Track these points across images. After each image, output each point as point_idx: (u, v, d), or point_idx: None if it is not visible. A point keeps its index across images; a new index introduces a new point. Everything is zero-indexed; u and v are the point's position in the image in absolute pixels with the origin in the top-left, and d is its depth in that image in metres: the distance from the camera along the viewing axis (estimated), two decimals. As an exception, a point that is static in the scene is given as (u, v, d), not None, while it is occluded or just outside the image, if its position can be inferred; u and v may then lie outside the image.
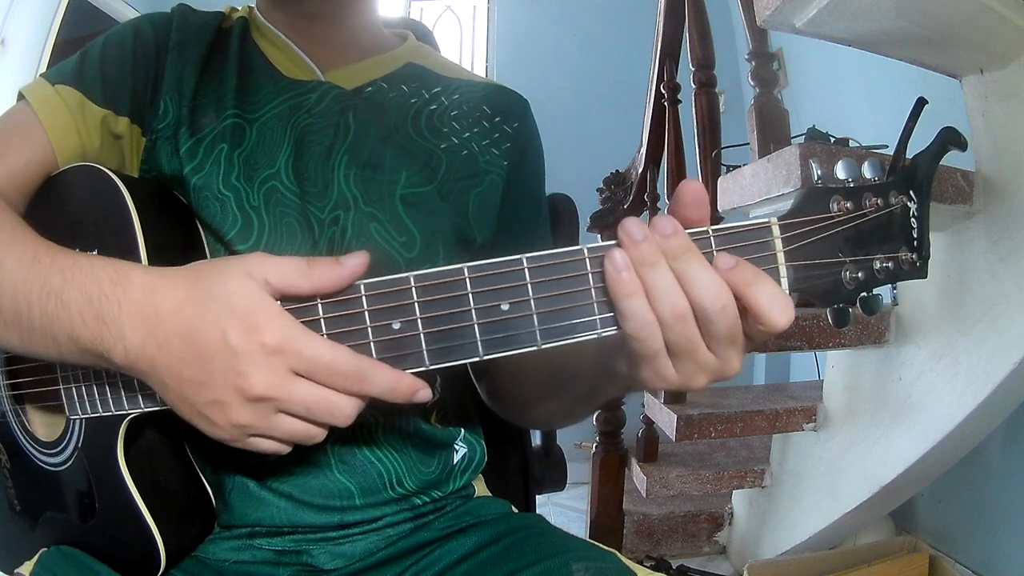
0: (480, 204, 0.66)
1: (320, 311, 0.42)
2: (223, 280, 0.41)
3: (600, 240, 1.97)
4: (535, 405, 0.66)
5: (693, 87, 1.64)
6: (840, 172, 0.41)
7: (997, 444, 1.45)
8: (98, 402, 0.51)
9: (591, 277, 0.40)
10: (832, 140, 1.27)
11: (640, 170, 1.92)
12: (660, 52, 1.83)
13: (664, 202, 1.75)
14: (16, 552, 0.60)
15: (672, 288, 0.39)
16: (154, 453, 0.55)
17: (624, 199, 2.00)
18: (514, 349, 0.40)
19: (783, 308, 0.38)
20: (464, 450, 0.68)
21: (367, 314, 0.41)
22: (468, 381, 0.72)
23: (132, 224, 0.51)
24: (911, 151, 0.42)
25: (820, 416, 1.52)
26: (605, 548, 0.59)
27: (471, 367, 0.69)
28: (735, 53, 2.35)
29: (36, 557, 0.57)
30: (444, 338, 0.40)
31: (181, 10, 0.67)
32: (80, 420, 0.54)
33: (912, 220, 0.41)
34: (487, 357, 0.41)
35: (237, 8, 0.70)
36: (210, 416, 0.41)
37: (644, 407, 1.72)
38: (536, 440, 0.98)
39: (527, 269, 0.40)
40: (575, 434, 2.14)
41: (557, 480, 0.98)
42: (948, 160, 1.26)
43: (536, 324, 0.40)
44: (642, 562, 1.21)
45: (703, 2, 1.65)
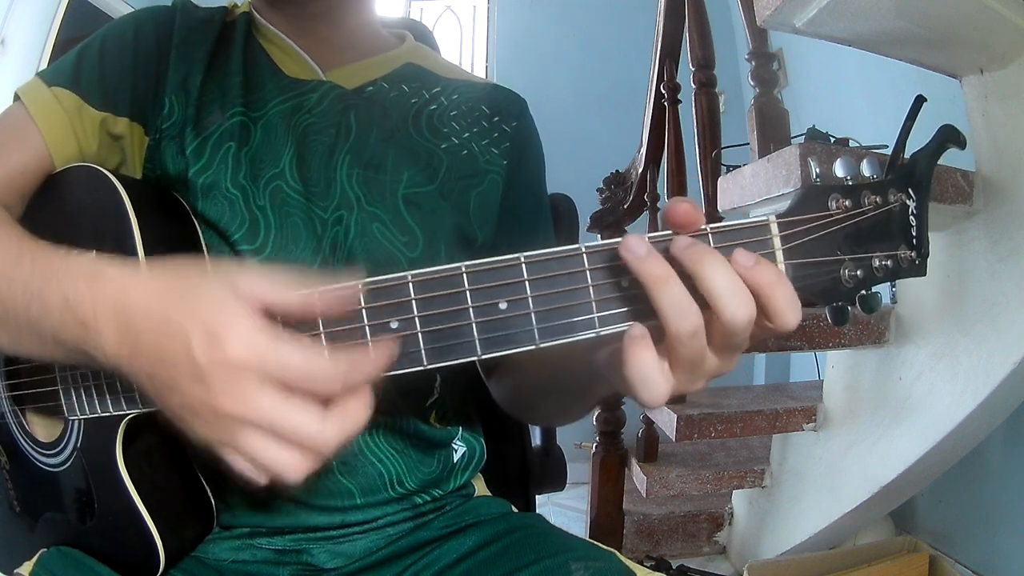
0: (481, 203, 0.66)
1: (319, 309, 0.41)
2: (196, 286, 0.38)
3: (600, 240, 1.97)
4: (537, 403, 0.66)
5: (693, 87, 1.64)
6: (839, 170, 0.41)
7: (997, 444, 1.45)
8: (96, 403, 0.51)
9: (589, 275, 0.39)
10: (832, 140, 1.27)
11: (640, 170, 1.92)
12: (660, 52, 1.83)
13: (664, 202, 1.75)
14: (16, 552, 0.60)
15: (687, 305, 0.36)
16: (153, 453, 0.55)
17: (624, 199, 2.00)
18: (512, 348, 0.40)
19: (797, 309, 0.38)
20: (463, 449, 0.68)
21: (364, 312, 0.40)
22: (468, 381, 0.72)
23: (130, 225, 0.51)
24: (910, 150, 0.42)
25: (820, 416, 1.52)
26: (605, 548, 0.59)
27: (480, 365, 0.69)
28: (735, 53, 2.35)
29: (36, 557, 0.57)
30: (442, 337, 0.40)
31: (183, 5, 0.66)
32: (79, 421, 0.54)
33: (911, 218, 0.41)
34: (485, 356, 0.40)
35: (238, 3, 0.70)
36: (185, 419, 0.39)
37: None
38: (536, 440, 0.98)
39: (525, 267, 0.39)
40: (575, 434, 2.14)
41: (557, 480, 0.98)
42: (948, 160, 1.26)
43: (534, 323, 0.40)
44: (642, 562, 1.20)
45: (703, 2, 1.65)
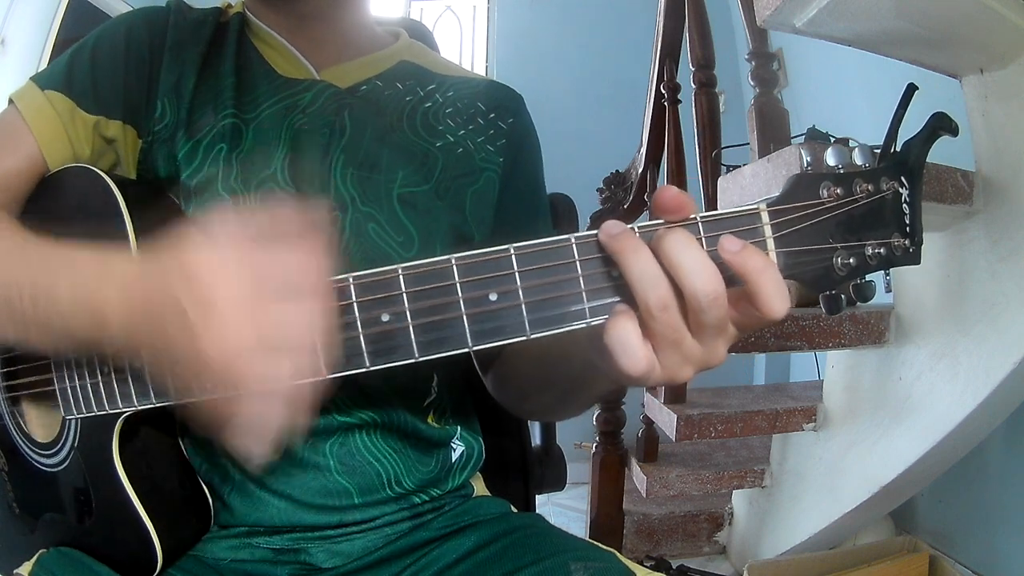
0: (477, 202, 0.66)
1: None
2: (180, 248, 0.39)
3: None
4: (532, 396, 0.66)
5: (693, 87, 1.64)
6: (830, 158, 0.41)
7: (997, 444, 1.45)
8: (92, 401, 0.51)
9: (579, 265, 0.39)
10: (832, 140, 1.27)
11: (640, 170, 1.92)
12: (660, 52, 1.83)
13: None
14: (15, 552, 0.60)
15: (655, 276, 0.37)
16: (149, 452, 0.55)
17: (624, 199, 2.00)
18: (503, 339, 0.40)
19: (785, 297, 0.37)
20: (462, 448, 0.68)
21: (356, 306, 0.41)
22: (466, 380, 0.72)
23: (124, 226, 0.51)
24: (903, 143, 0.42)
25: (820, 416, 1.52)
26: (604, 548, 0.59)
27: (475, 359, 0.69)
28: (735, 53, 2.35)
29: (35, 558, 0.57)
30: (433, 329, 0.40)
31: (176, 6, 0.66)
32: (75, 420, 0.54)
33: (904, 206, 0.41)
34: (476, 348, 0.40)
35: (232, 3, 0.69)
36: (191, 387, 0.40)
37: (644, 407, 1.72)
38: (536, 440, 0.98)
39: (515, 258, 0.39)
40: (575, 434, 2.13)
41: (557, 480, 0.98)
42: (948, 159, 1.25)
43: (525, 314, 0.39)
44: (642, 562, 1.20)
45: (703, 2, 1.65)
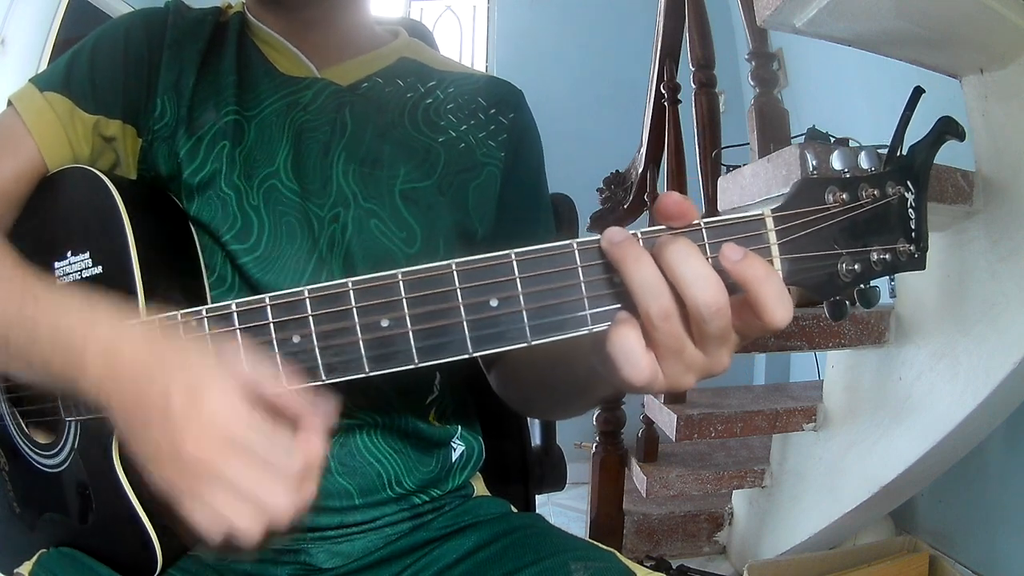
0: (479, 197, 0.66)
1: (309, 307, 0.42)
2: (186, 349, 0.40)
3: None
4: (534, 398, 0.66)
5: (693, 87, 1.64)
6: (836, 163, 0.40)
7: (997, 444, 1.45)
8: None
9: (580, 272, 0.39)
10: (832, 140, 1.27)
11: (640, 170, 1.92)
12: (660, 52, 1.83)
13: (664, 202, 1.74)
14: (15, 552, 0.60)
15: (657, 285, 0.37)
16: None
17: (624, 199, 2.00)
18: (503, 346, 0.40)
19: (788, 306, 0.37)
20: (462, 448, 0.68)
21: (355, 311, 0.40)
22: (467, 379, 0.72)
23: (123, 226, 0.52)
24: (909, 147, 0.42)
25: (820, 416, 1.52)
26: (604, 548, 0.59)
27: (481, 358, 0.69)
28: (735, 53, 2.35)
29: (35, 558, 0.57)
30: (433, 335, 0.40)
31: (175, 6, 0.66)
32: (75, 422, 0.54)
33: (910, 211, 0.40)
34: (476, 354, 0.40)
35: (232, 4, 0.69)
36: (151, 462, 0.40)
37: (644, 407, 1.72)
38: (536, 440, 0.98)
39: (516, 264, 0.39)
40: (575, 434, 2.13)
41: (557, 480, 0.98)
42: (948, 160, 1.25)
43: (525, 320, 0.39)
44: (642, 562, 1.20)
45: (703, 2, 1.65)
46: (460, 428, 0.69)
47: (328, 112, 0.63)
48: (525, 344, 0.40)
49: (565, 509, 2.32)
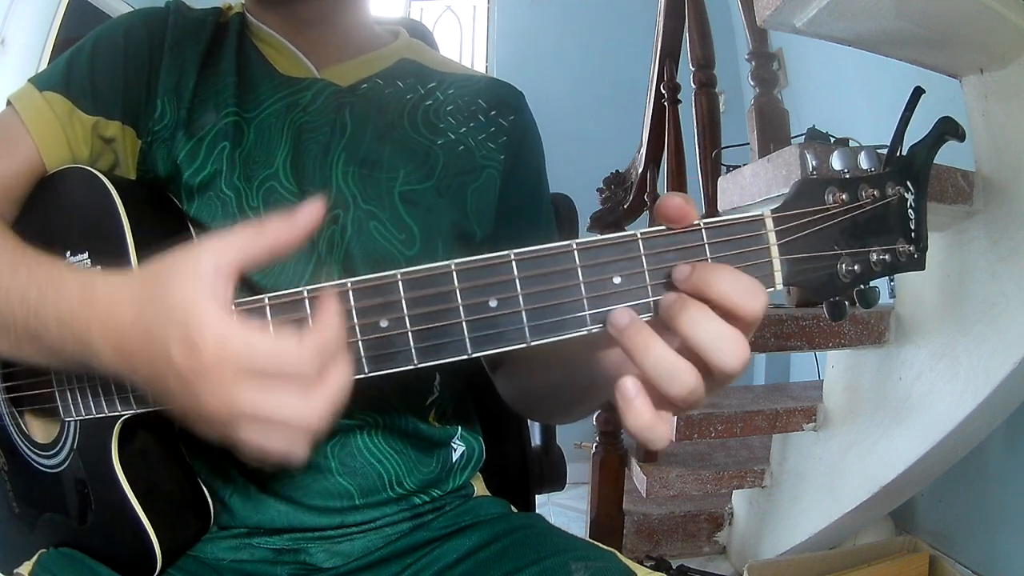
0: (478, 199, 0.66)
1: (308, 308, 0.41)
2: (165, 287, 0.39)
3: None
4: (541, 402, 0.66)
5: (693, 87, 1.64)
6: (836, 163, 0.40)
7: (997, 444, 1.45)
8: (91, 404, 0.51)
9: (580, 272, 0.39)
10: (832, 140, 1.27)
11: (640, 170, 1.92)
12: (660, 52, 1.83)
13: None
14: (15, 552, 0.60)
15: (671, 366, 0.37)
16: (148, 453, 0.55)
17: (624, 199, 2.00)
18: (503, 346, 0.40)
19: (753, 294, 0.37)
20: (462, 448, 0.68)
21: (354, 312, 0.40)
22: (466, 379, 0.72)
23: (122, 226, 0.51)
24: (908, 147, 0.42)
25: (820, 416, 1.52)
26: (605, 548, 0.59)
27: (484, 360, 0.69)
28: (735, 53, 2.35)
29: (35, 558, 0.57)
30: (432, 336, 0.40)
31: (176, 6, 0.66)
32: (75, 422, 0.54)
33: (909, 211, 0.40)
34: (476, 355, 0.40)
35: (232, 4, 0.69)
36: (187, 420, 0.41)
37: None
38: (536, 440, 0.98)
39: (515, 265, 0.39)
40: (575, 434, 2.13)
41: (557, 480, 0.98)
42: (948, 160, 1.25)
43: (525, 321, 0.39)
44: (642, 562, 1.20)
45: (703, 2, 1.65)
46: (460, 428, 0.69)
47: (328, 113, 0.63)
48: (524, 345, 0.39)
49: (565, 509, 2.32)
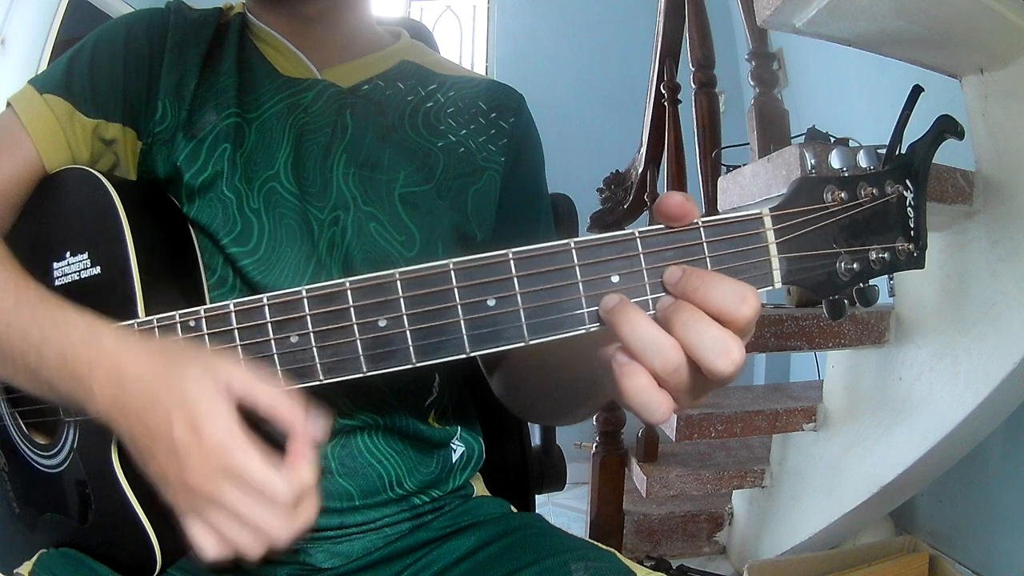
0: (479, 201, 0.66)
1: (307, 307, 0.41)
2: (184, 371, 0.42)
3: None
4: (537, 403, 0.66)
5: (693, 87, 1.64)
6: (835, 161, 0.40)
7: (997, 444, 1.45)
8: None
9: (578, 271, 0.39)
10: (832, 140, 1.27)
11: (640, 170, 1.92)
12: (660, 52, 1.83)
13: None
14: (15, 552, 0.60)
15: (654, 341, 0.37)
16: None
17: (624, 199, 2.00)
18: (501, 345, 0.40)
19: (743, 297, 0.36)
20: (462, 448, 0.68)
21: (352, 311, 0.40)
22: (466, 379, 0.72)
23: (121, 228, 0.51)
24: (908, 145, 0.41)
25: (820, 416, 1.52)
26: (604, 548, 0.59)
27: (480, 361, 0.69)
28: (735, 53, 2.35)
29: (35, 558, 0.57)
30: (430, 334, 0.40)
31: (177, 7, 0.65)
32: (75, 422, 0.54)
33: (909, 209, 0.40)
34: (474, 354, 0.40)
35: (233, 5, 0.69)
36: (159, 483, 0.43)
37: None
38: (536, 440, 0.98)
39: (513, 263, 0.39)
40: (575, 434, 2.13)
41: (557, 480, 0.98)
42: (948, 159, 1.25)
43: (523, 319, 0.39)
44: (642, 562, 1.20)
45: (703, 2, 1.65)
46: (460, 429, 0.68)
47: (329, 114, 0.63)
48: (522, 343, 0.39)
49: (565, 509, 2.32)
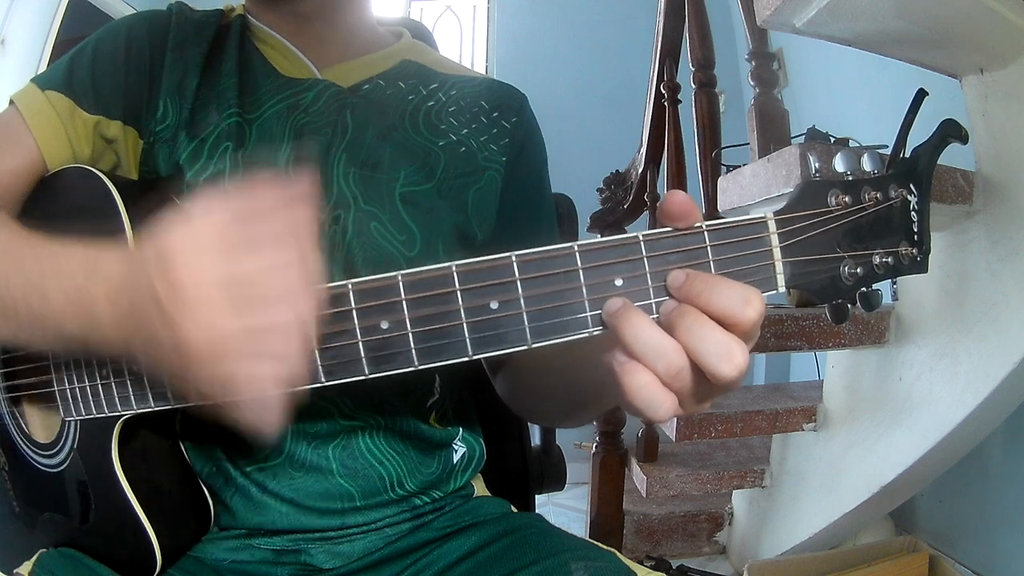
0: (479, 201, 0.65)
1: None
2: (156, 237, 0.38)
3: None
4: (540, 405, 0.66)
5: (693, 87, 1.64)
6: (839, 165, 0.40)
7: (997, 444, 1.45)
8: (92, 404, 0.51)
9: (582, 274, 0.39)
10: (832, 140, 1.27)
11: (640, 170, 1.92)
12: (660, 52, 1.83)
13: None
14: (15, 552, 0.60)
15: (657, 344, 0.37)
16: (149, 453, 0.55)
17: (624, 199, 2.00)
18: (504, 348, 0.39)
19: (748, 301, 0.36)
20: (463, 449, 0.68)
21: (355, 313, 0.40)
22: (466, 380, 0.72)
23: (123, 227, 0.51)
24: (911, 148, 0.42)
25: (820, 416, 1.52)
26: (605, 548, 0.59)
27: (485, 363, 0.69)
28: (735, 53, 2.35)
29: (35, 558, 0.57)
30: (433, 337, 0.40)
31: (179, 8, 0.66)
32: (75, 421, 0.54)
33: (912, 214, 0.40)
34: (476, 356, 0.40)
35: (234, 6, 0.70)
36: (186, 382, 0.39)
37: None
38: (536, 440, 0.98)
39: (516, 266, 0.39)
40: (575, 434, 2.13)
41: (557, 480, 0.98)
42: (948, 160, 1.25)
43: (526, 322, 0.39)
44: (642, 562, 1.20)
45: (703, 2, 1.65)
46: (461, 430, 0.69)
47: (329, 114, 0.63)
48: (525, 347, 0.39)
49: (565, 509, 2.32)
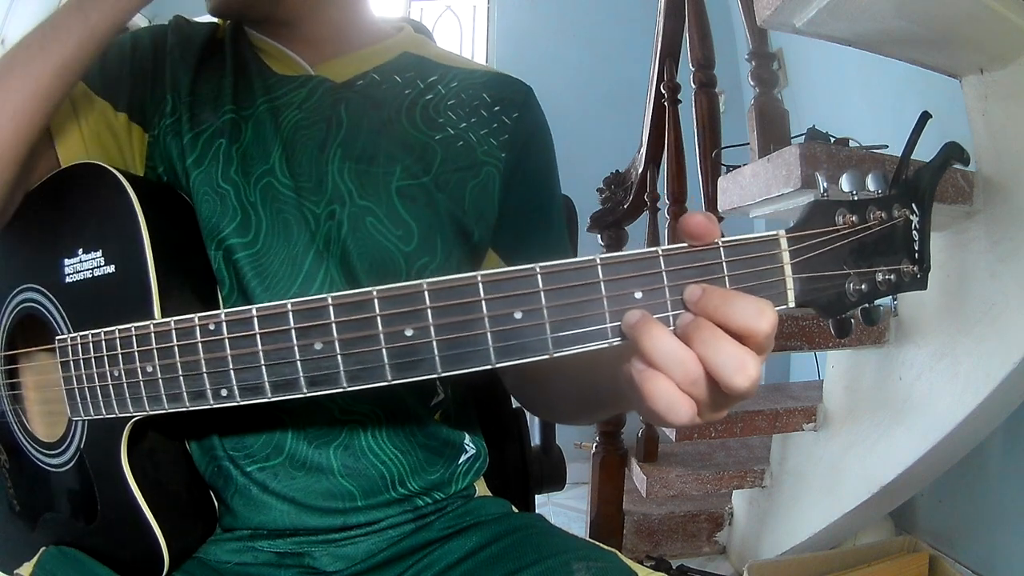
0: (476, 196, 0.65)
1: (332, 314, 0.41)
2: None
3: (600, 240, 1.97)
4: (548, 402, 0.67)
5: (693, 87, 1.64)
6: (845, 185, 0.42)
7: (997, 444, 1.45)
8: (101, 404, 0.51)
9: (603, 286, 0.40)
10: (832, 140, 1.27)
11: (640, 170, 1.92)
12: (660, 52, 1.83)
13: (664, 202, 1.74)
14: (16, 552, 0.60)
15: (674, 354, 0.38)
16: (156, 455, 0.55)
17: (624, 199, 2.00)
18: (526, 357, 0.40)
19: (762, 315, 0.37)
20: (469, 452, 0.68)
21: (379, 319, 0.41)
22: (468, 381, 0.72)
23: (139, 227, 0.51)
24: (915, 170, 0.43)
25: (820, 416, 1.52)
26: (605, 548, 0.59)
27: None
28: (735, 53, 2.35)
29: (36, 558, 0.57)
30: (456, 345, 0.40)
31: (177, 21, 0.69)
32: (82, 422, 0.54)
33: (914, 232, 0.42)
34: (499, 365, 0.40)
35: None
36: None
37: (644, 407, 1.72)
38: (535, 440, 0.98)
39: (540, 278, 0.40)
40: (575, 434, 2.13)
41: (557, 480, 0.98)
42: (948, 160, 1.23)
43: (548, 332, 0.40)
44: (642, 562, 1.20)
45: (703, 2, 1.65)
46: (465, 432, 0.69)
47: (323, 110, 0.64)
48: (547, 356, 0.40)
49: (565, 509, 2.32)
